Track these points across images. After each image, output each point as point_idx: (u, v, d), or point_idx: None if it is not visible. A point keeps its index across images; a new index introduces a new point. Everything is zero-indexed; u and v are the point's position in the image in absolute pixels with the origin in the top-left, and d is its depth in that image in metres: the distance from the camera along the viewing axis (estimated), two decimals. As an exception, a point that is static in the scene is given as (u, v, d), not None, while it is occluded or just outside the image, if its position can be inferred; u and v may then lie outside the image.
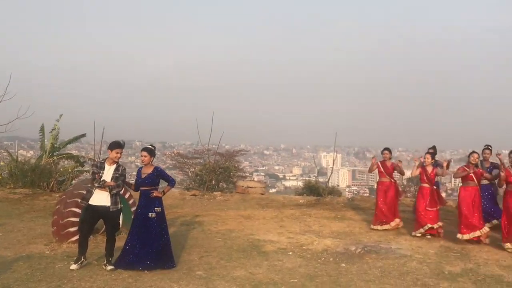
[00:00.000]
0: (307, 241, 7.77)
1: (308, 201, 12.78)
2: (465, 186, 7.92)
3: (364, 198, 14.01)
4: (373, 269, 6.27)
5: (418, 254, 7.01)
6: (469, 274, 6.05)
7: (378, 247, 7.34)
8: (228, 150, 24.59)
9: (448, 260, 6.73)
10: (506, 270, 6.25)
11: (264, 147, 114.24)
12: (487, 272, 6.17)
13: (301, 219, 9.89)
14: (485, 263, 6.61)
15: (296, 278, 5.88)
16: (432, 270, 6.19)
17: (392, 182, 9.17)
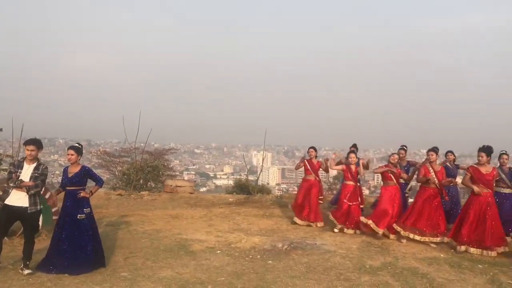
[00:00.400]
0: (235, 239, 7.80)
1: (238, 200, 12.85)
2: (385, 186, 8.31)
3: (292, 196, 14.28)
4: (299, 265, 6.41)
5: (341, 249, 7.25)
6: (388, 268, 6.35)
7: (304, 243, 7.51)
8: (157, 149, 24.13)
9: (369, 254, 7.03)
10: (421, 263, 6.63)
11: (194, 145, 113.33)
12: (404, 265, 6.50)
13: (230, 218, 9.92)
14: (403, 256, 6.96)
15: (223, 277, 5.88)
16: (354, 265, 6.43)
17: (317, 180, 9.44)
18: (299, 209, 9.28)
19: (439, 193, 7.89)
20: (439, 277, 6.00)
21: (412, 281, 5.79)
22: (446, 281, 5.85)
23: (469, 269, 6.40)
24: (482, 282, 5.90)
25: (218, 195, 14.70)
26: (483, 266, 6.60)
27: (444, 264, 6.61)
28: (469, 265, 6.60)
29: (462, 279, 5.95)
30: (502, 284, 5.81)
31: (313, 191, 9.26)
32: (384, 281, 5.78)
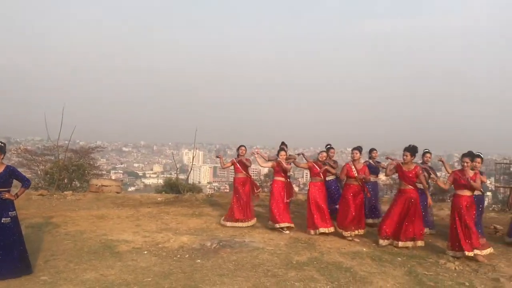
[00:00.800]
0: (163, 239, 7.67)
1: (167, 199, 12.66)
2: (313, 182, 8.54)
3: (223, 194, 14.33)
4: (227, 263, 6.42)
5: (269, 246, 7.35)
6: (314, 263, 6.52)
7: (233, 241, 7.54)
8: (83, 147, 23.31)
9: (297, 250, 7.18)
10: (345, 257, 6.87)
11: (122, 143, 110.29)
12: (329, 259, 6.71)
13: (158, 217, 9.74)
14: (328, 251, 7.19)
15: (150, 277, 5.76)
16: (282, 261, 6.54)
17: (248, 177, 9.51)
18: (232, 210, 9.22)
19: (362, 189, 8.23)
20: (362, 270, 6.24)
21: (336, 275, 5.99)
22: (368, 274, 6.10)
23: (389, 262, 6.72)
24: (401, 274, 6.21)
25: (147, 195, 14.38)
26: (402, 259, 6.96)
27: (366, 258, 6.89)
28: (389, 258, 6.93)
29: (383, 272, 6.24)
30: (418, 275, 6.16)
31: (245, 189, 9.29)
32: (310, 275, 5.93)
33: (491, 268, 6.57)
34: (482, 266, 6.68)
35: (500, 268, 6.58)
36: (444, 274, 6.24)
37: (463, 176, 7.15)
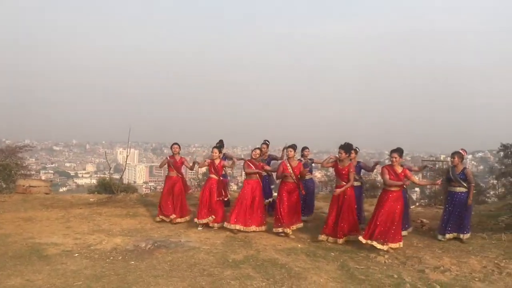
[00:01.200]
0: (96, 241, 7.41)
1: (99, 199, 12.26)
2: (248, 179, 8.59)
3: (158, 194, 14.05)
4: (163, 263, 6.31)
5: (206, 245, 7.31)
6: (250, 260, 6.55)
7: (168, 241, 7.42)
8: (10, 146, 22.16)
9: (233, 248, 7.19)
10: (280, 254, 6.97)
11: (53, 142, 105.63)
12: (265, 256, 6.77)
13: (90, 218, 9.41)
14: (264, 249, 7.25)
15: (81, 281, 5.54)
16: (218, 260, 6.52)
17: (179, 176, 9.44)
18: (162, 207, 9.20)
19: (297, 187, 8.38)
20: (296, 266, 6.35)
21: (271, 272, 6.05)
22: (302, 269, 6.22)
23: (323, 257, 6.89)
24: (334, 268, 6.39)
25: (78, 195, 13.84)
26: (335, 253, 7.15)
27: (301, 254, 7.03)
28: (323, 254, 7.10)
29: (317, 267, 6.38)
30: (350, 269, 6.36)
31: (176, 188, 9.24)
32: (246, 273, 5.95)
33: (417, 260, 6.90)
34: (410, 258, 7.00)
35: (425, 260, 6.92)
36: (374, 267, 6.48)
37: (393, 171, 7.49)
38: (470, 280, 6.07)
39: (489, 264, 6.74)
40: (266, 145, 9.96)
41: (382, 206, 7.50)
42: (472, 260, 6.93)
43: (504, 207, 11.18)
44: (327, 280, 5.84)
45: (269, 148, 10.09)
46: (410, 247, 7.68)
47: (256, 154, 8.64)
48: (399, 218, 7.53)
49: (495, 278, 6.15)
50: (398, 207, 7.48)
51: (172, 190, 9.26)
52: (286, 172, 8.28)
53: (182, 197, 9.30)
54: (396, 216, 7.43)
